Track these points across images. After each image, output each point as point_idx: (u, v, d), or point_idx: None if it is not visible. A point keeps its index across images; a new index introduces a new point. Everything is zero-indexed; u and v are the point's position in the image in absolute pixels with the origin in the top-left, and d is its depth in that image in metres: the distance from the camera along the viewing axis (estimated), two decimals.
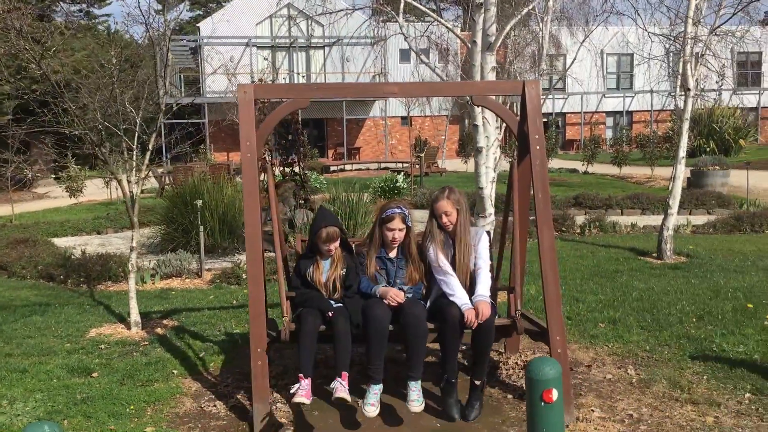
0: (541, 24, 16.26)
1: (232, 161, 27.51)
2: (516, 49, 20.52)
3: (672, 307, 6.51)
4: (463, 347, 5.07)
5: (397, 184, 15.63)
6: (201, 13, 53.43)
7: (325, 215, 4.70)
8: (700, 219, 12.62)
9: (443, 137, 31.34)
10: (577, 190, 15.58)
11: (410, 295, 4.56)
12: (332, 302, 4.59)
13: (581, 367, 5.14)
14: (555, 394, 3.34)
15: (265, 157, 4.58)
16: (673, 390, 4.65)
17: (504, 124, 5.19)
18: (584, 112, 38.67)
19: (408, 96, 5.14)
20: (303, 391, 4.11)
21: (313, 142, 35.32)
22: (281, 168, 12.47)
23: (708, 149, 26.74)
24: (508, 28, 6.51)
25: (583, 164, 25.03)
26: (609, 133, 37.63)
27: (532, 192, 4.74)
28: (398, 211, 4.55)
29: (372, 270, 4.61)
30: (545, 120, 37.27)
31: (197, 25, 39.34)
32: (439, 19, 6.65)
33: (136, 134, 6.29)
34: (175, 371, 5.29)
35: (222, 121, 28.97)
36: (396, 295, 4.38)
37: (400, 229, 4.56)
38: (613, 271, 8.26)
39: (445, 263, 4.50)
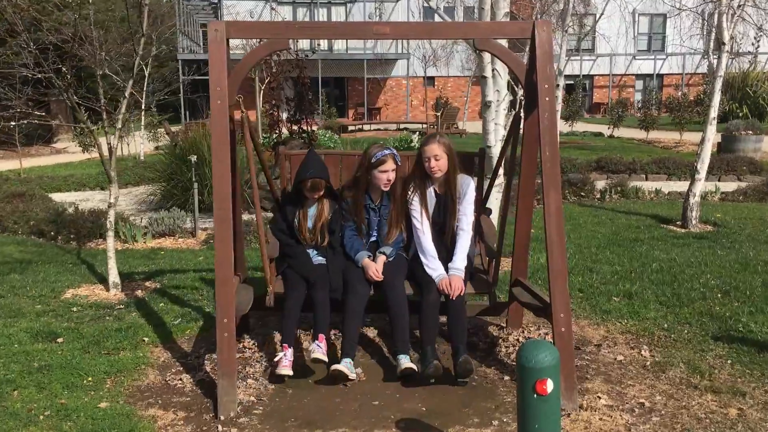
0: None
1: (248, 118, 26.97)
2: (543, 6, 19.64)
3: (695, 281, 5.94)
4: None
5: (411, 144, 15.03)
6: None
7: (312, 162, 4.43)
8: (729, 186, 11.90)
9: (465, 98, 30.49)
10: (600, 154, 14.85)
11: (392, 258, 4.34)
12: (315, 253, 4.43)
13: (590, 346, 4.62)
14: (550, 385, 2.84)
15: (238, 101, 4.05)
16: (691, 375, 4.12)
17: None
18: (612, 75, 37.44)
19: (401, 37, 4.69)
20: (287, 361, 4.01)
21: (334, 101, 34.74)
22: (288, 125, 12.00)
23: (741, 114, 25.62)
24: None
25: (608, 128, 24.15)
26: (638, 97, 36.40)
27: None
28: (387, 152, 4.34)
29: (362, 217, 4.42)
30: (571, 82, 36.21)
31: None
32: None
33: (129, 86, 5.77)
34: (146, 339, 4.87)
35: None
36: (376, 273, 4.22)
37: (392, 170, 4.34)
38: (632, 240, 7.67)
39: (422, 217, 4.29)
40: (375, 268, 4.23)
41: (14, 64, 5.23)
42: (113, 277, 5.97)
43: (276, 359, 4.08)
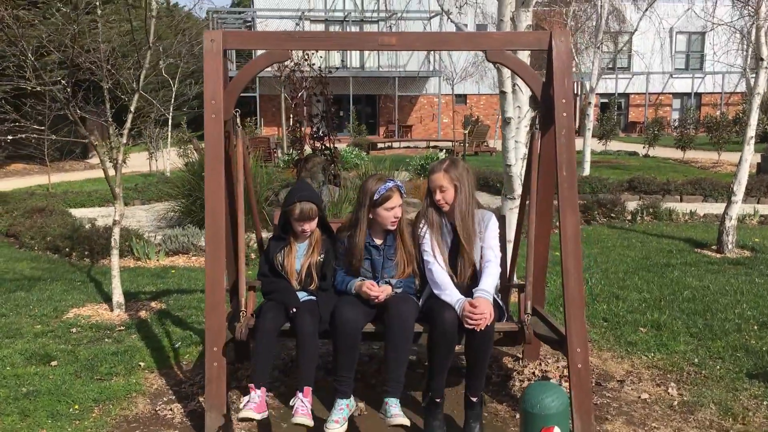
0: None
1: (275, 135, 27.01)
2: (577, 22, 19.30)
3: (729, 311, 5.54)
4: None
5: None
6: None
7: (302, 188, 3.96)
8: None
9: (497, 116, 30.14)
10: (634, 174, 14.38)
11: (399, 290, 3.76)
12: (304, 294, 3.87)
13: (612, 382, 4.27)
14: None
15: (235, 117, 3.79)
16: (723, 418, 3.76)
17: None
18: (649, 93, 36.78)
19: (408, 49, 4.40)
20: (253, 404, 3.39)
21: (365, 118, 34.69)
22: (311, 142, 11.82)
23: None
24: None
25: (644, 147, 23.57)
26: (675, 116, 35.65)
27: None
28: (391, 184, 3.77)
29: (358, 263, 3.82)
30: (605, 100, 35.63)
31: None
32: None
33: (135, 98, 5.61)
34: (142, 363, 4.66)
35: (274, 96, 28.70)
36: (371, 289, 3.62)
37: (399, 206, 3.80)
38: (663, 265, 7.26)
39: (434, 250, 3.72)
40: (371, 284, 3.64)
41: (13, 77, 5.10)
42: (117, 296, 5.78)
43: (242, 405, 3.45)
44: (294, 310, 3.62)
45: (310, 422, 3.36)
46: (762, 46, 7.57)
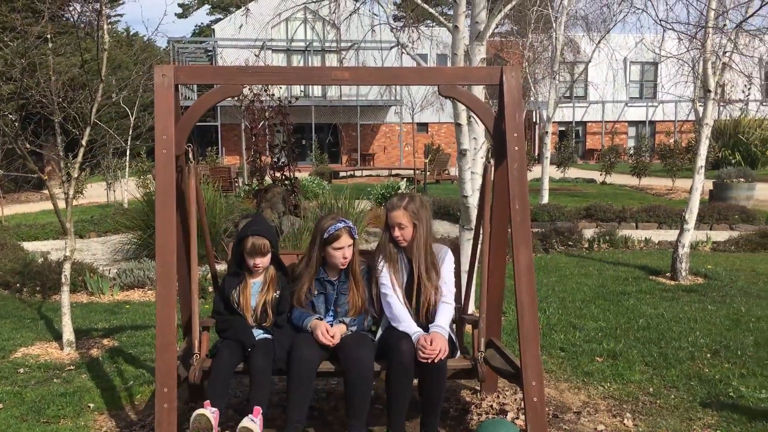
0: (555, 24, 15.43)
1: (236, 164, 26.86)
2: (534, 53, 19.69)
3: (683, 339, 5.62)
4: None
5: (399, 192, 14.78)
6: (221, 17, 53.21)
7: (255, 222, 3.95)
8: (721, 235, 11.62)
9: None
10: (591, 201, 14.62)
11: (354, 328, 3.78)
12: (260, 331, 3.83)
13: (569, 413, 4.27)
14: None
15: (187, 152, 3.74)
16: None
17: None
18: (605, 121, 37.61)
19: (361, 83, 4.45)
20: (212, 417, 3.36)
21: (327, 147, 34.74)
22: (271, 172, 11.77)
23: (734, 161, 25.55)
24: (502, 13, 5.67)
25: (601, 174, 24.03)
26: (631, 143, 36.50)
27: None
28: (342, 225, 3.80)
29: (303, 298, 3.84)
30: (563, 129, 36.31)
31: (212, 27, 39.06)
32: (421, 2, 5.81)
33: (87, 130, 5.52)
34: (91, 405, 4.52)
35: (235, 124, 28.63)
36: (324, 335, 3.62)
37: (348, 246, 3.82)
38: (619, 293, 7.35)
39: (392, 285, 3.76)
40: (326, 327, 3.65)
41: None
42: (67, 335, 5.62)
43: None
44: (249, 349, 3.58)
45: (255, 429, 3.35)
46: (709, 78, 7.80)
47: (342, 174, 28.47)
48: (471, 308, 4.60)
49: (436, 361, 3.46)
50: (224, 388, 3.56)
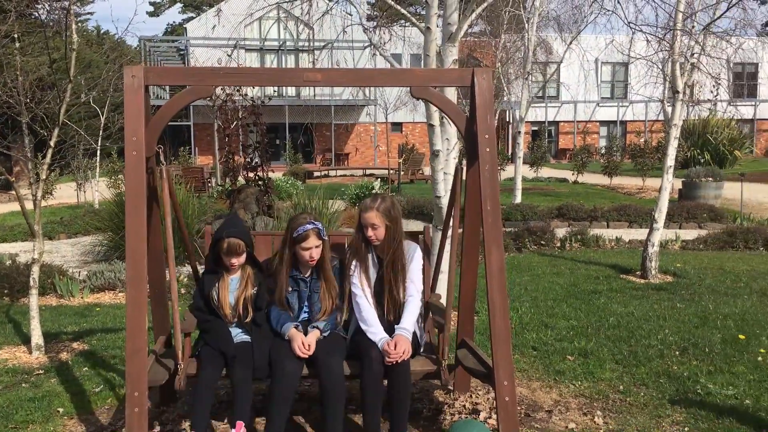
0: (527, 25, 15.56)
1: (209, 164, 26.65)
2: (506, 54, 19.83)
3: (653, 337, 5.71)
4: None
5: (373, 192, 14.81)
6: (194, 15, 52.76)
7: (231, 223, 4.02)
8: (690, 233, 11.82)
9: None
10: (564, 200, 14.76)
11: (327, 333, 3.87)
12: (239, 331, 3.92)
13: (540, 412, 4.32)
14: None
15: (158, 154, 3.71)
16: None
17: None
18: (577, 121, 38.00)
19: (333, 85, 4.44)
20: None
21: (302, 147, 34.62)
22: (244, 172, 11.69)
23: (702, 160, 25.99)
24: (474, 15, 5.70)
25: (573, 174, 24.28)
26: (603, 143, 36.93)
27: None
28: (310, 226, 3.85)
29: (283, 295, 3.91)
30: (536, 129, 36.62)
31: (185, 26, 38.72)
32: (394, 3, 5.82)
33: (55, 130, 5.44)
34: (61, 409, 4.46)
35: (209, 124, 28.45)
36: (301, 348, 3.69)
37: (316, 246, 3.89)
38: (590, 292, 7.44)
39: (362, 284, 3.88)
40: (302, 341, 3.70)
41: None
42: (36, 338, 5.54)
43: None
44: (230, 357, 3.69)
45: None
46: (677, 79, 7.92)
47: (316, 174, 28.44)
48: (443, 300, 4.63)
49: (399, 362, 3.61)
50: (207, 403, 3.63)
